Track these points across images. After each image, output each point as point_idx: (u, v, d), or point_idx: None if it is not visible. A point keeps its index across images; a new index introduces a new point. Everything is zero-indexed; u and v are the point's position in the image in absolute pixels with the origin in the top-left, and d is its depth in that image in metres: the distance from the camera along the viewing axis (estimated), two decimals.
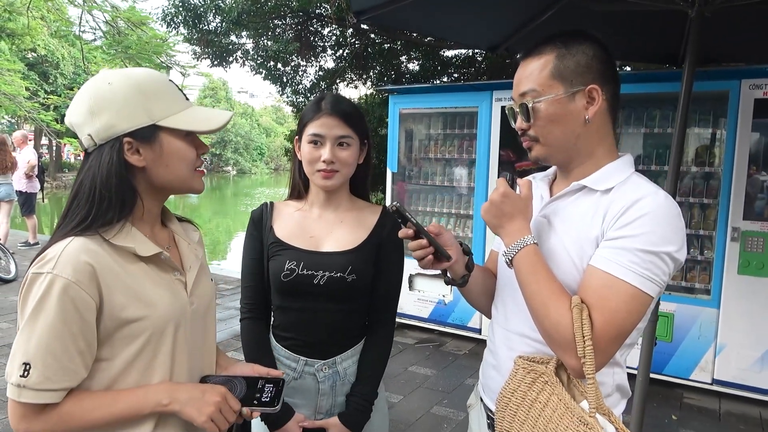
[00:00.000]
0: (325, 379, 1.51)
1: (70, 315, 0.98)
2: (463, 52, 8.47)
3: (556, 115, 1.17)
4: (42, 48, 20.59)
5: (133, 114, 1.05)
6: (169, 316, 1.10)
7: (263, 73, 8.26)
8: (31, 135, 9.13)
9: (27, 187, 7.87)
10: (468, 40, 3.97)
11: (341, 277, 1.47)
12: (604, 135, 1.21)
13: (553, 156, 1.23)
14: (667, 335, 3.91)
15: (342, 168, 1.47)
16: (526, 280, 1.13)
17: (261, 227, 1.55)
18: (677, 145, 2.56)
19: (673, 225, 1.07)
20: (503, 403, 1.19)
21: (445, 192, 5.11)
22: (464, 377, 4.09)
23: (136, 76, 1.09)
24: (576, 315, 1.05)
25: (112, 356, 1.06)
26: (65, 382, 1.00)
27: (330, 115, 1.45)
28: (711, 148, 3.98)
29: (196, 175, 1.16)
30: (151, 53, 9.33)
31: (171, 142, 1.10)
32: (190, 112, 1.13)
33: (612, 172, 1.18)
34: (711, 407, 3.71)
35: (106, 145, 1.06)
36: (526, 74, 1.20)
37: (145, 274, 1.09)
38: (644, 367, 2.68)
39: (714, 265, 3.80)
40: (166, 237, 1.22)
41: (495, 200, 1.18)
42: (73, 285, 0.98)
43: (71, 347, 1.00)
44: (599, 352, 1.04)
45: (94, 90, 1.07)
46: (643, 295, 1.05)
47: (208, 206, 21.86)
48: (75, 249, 1.01)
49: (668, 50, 3.32)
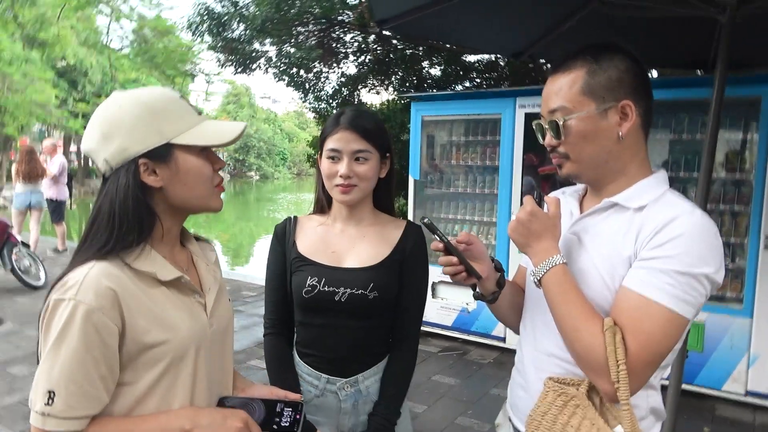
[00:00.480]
0: (347, 397, 1.48)
1: (92, 341, 0.98)
2: (485, 56, 8.43)
3: (588, 132, 1.13)
4: (71, 57, 21.08)
5: (145, 134, 1.05)
6: (191, 340, 1.09)
7: (286, 79, 8.34)
8: (60, 142, 9.33)
9: (57, 194, 8.04)
10: (491, 47, 3.95)
11: (363, 295, 1.45)
12: (637, 151, 1.17)
13: (585, 173, 1.19)
14: (697, 345, 3.81)
15: (360, 182, 1.45)
16: (555, 301, 1.10)
17: (284, 242, 1.55)
18: (708, 151, 2.50)
19: (710, 245, 1.04)
20: (533, 426, 1.17)
21: (467, 199, 5.08)
22: (489, 387, 4.04)
23: (145, 95, 1.08)
24: (609, 338, 1.02)
25: (134, 380, 1.05)
26: (88, 409, 1.00)
27: (347, 129, 1.44)
28: (742, 154, 3.88)
29: (215, 193, 1.15)
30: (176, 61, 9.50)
31: (186, 159, 1.08)
32: (203, 127, 1.11)
33: (645, 189, 1.14)
34: (745, 420, 3.60)
35: (121, 169, 1.05)
36: (555, 90, 1.17)
37: (166, 297, 1.08)
38: (676, 380, 2.62)
39: (746, 273, 3.70)
40: (185, 258, 1.21)
41: (522, 219, 1.15)
42: (96, 311, 0.98)
43: (94, 374, 0.99)
44: (634, 376, 1.01)
45: (105, 114, 1.07)
46: (679, 318, 1.02)
47: (231, 211, 22.09)
48: (96, 274, 1.00)
49: (697, 56, 3.25)
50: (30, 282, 6.41)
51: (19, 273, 6.27)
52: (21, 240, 6.46)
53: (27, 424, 3.30)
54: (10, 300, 6.02)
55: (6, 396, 3.70)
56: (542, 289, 1.14)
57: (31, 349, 4.58)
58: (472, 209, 5.04)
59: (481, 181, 4.94)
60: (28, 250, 6.62)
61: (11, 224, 6.38)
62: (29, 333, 4.99)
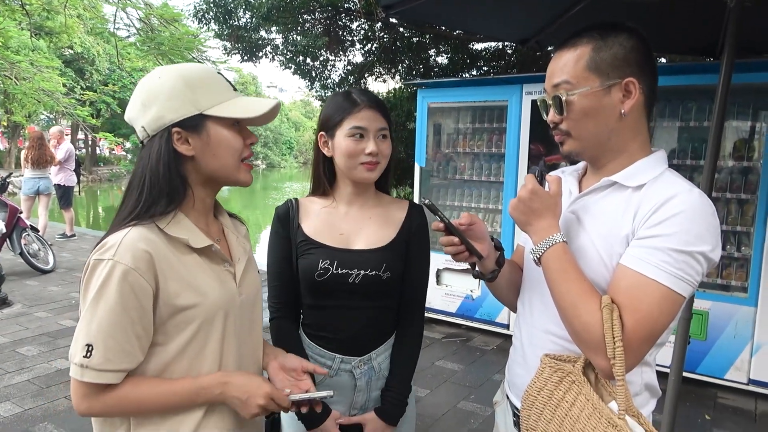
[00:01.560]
0: (361, 375, 1.51)
1: (129, 300, 1.03)
2: (492, 45, 8.37)
3: (591, 108, 1.13)
4: (78, 45, 21.10)
5: (180, 104, 1.10)
6: (219, 305, 1.14)
7: (292, 67, 8.31)
8: (68, 130, 9.40)
9: (64, 180, 8.10)
10: (498, 33, 3.93)
11: (376, 275, 1.47)
12: (639, 130, 1.17)
13: (586, 151, 1.20)
14: (701, 333, 3.82)
15: (382, 160, 1.48)
16: (554, 279, 1.11)
17: (288, 225, 1.53)
18: (714, 139, 2.49)
19: (707, 223, 1.04)
20: (529, 401, 1.18)
21: (473, 186, 5.08)
22: (492, 373, 4.07)
23: (184, 69, 1.14)
24: (606, 315, 1.03)
25: (166, 342, 1.11)
26: (124, 363, 1.05)
27: (370, 107, 1.45)
28: (749, 142, 3.85)
29: (243, 167, 1.20)
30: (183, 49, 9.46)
31: (218, 130, 1.13)
32: (236, 102, 1.16)
33: (644, 168, 1.15)
34: (746, 408, 3.61)
35: (156, 136, 1.12)
36: (560, 65, 1.17)
37: (197, 264, 1.13)
38: (677, 366, 2.62)
39: (752, 262, 3.69)
40: (217, 229, 1.27)
41: (523, 197, 1.15)
42: (132, 271, 1.03)
43: (130, 331, 1.04)
44: (630, 353, 1.02)
45: (146, 85, 1.13)
46: (676, 296, 1.03)
47: (238, 199, 22.14)
48: (134, 237, 1.06)
49: (706, 41, 3.22)
50: (39, 266, 6.48)
51: (28, 257, 6.34)
52: (30, 225, 6.52)
53: (36, 402, 3.37)
54: (20, 283, 6.09)
55: (15, 375, 3.77)
56: (541, 267, 1.15)
57: (40, 331, 4.65)
58: (477, 197, 5.04)
59: (487, 169, 4.94)
60: (37, 234, 6.69)
61: (21, 209, 6.44)
62: (38, 315, 5.06)
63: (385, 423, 1.51)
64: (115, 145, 28.93)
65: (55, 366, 3.93)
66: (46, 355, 4.14)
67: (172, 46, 9.09)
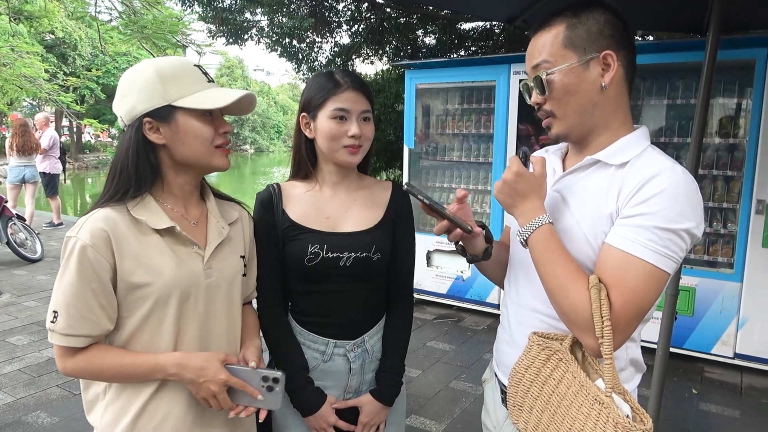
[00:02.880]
0: (356, 358, 1.50)
1: (87, 273, 1.14)
2: (480, 24, 8.31)
3: (572, 84, 1.14)
4: (59, 30, 20.68)
5: (150, 96, 1.18)
6: (175, 285, 1.20)
7: (278, 50, 8.20)
8: (53, 117, 9.26)
9: (50, 168, 8.01)
10: (485, 12, 3.89)
11: (367, 257, 1.46)
12: (620, 104, 1.18)
13: (573, 130, 1.19)
14: (688, 309, 3.88)
15: (365, 143, 1.45)
16: (542, 260, 1.12)
17: (272, 210, 1.49)
18: (700, 116, 2.50)
19: (691, 200, 1.05)
20: (516, 378, 1.19)
21: (462, 167, 5.08)
22: (482, 352, 4.11)
23: (159, 62, 1.22)
24: (594, 295, 1.03)
25: (128, 315, 1.20)
26: (87, 330, 1.16)
27: (354, 89, 1.42)
28: (736, 119, 3.88)
29: (217, 153, 1.26)
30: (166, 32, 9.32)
31: (187, 120, 1.20)
32: (206, 93, 1.22)
33: (627, 146, 1.15)
34: (732, 381, 3.69)
35: (130, 126, 1.20)
36: (537, 47, 1.18)
37: (157, 244, 1.21)
38: (664, 342, 2.66)
39: (737, 238, 3.74)
40: (198, 213, 1.33)
41: (508, 179, 1.15)
42: (90, 248, 1.13)
43: (91, 301, 1.15)
44: (618, 332, 1.03)
45: (125, 78, 1.23)
46: (661, 273, 1.04)
47: (227, 185, 22.01)
48: (96, 218, 1.16)
49: (693, 19, 3.21)
50: (27, 255, 6.42)
51: (15, 246, 6.28)
52: (16, 213, 6.45)
53: (28, 391, 3.37)
54: (8, 273, 6.04)
55: (6, 364, 3.76)
56: (528, 249, 1.15)
57: (30, 320, 4.62)
58: (467, 177, 5.05)
59: (475, 150, 4.94)
60: (23, 223, 6.62)
61: (6, 198, 6.37)
62: (27, 304, 5.03)
63: (381, 404, 1.51)
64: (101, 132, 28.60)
65: (45, 355, 3.92)
66: (36, 344, 4.13)
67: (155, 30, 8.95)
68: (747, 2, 2.72)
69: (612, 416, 1.00)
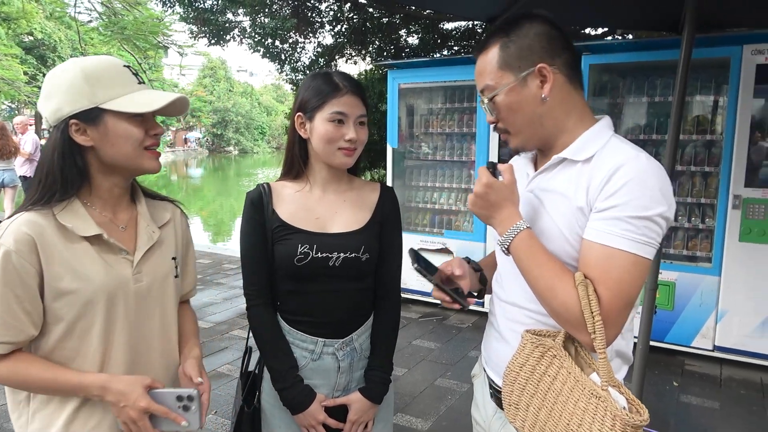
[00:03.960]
0: (344, 357, 1.52)
1: (11, 278, 1.10)
2: (462, 24, 8.36)
3: (513, 103, 1.18)
4: (38, 31, 20.39)
5: (77, 98, 1.15)
6: (103, 291, 1.18)
7: (261, 50, 8.18)
8: (32, 120, 9.14)
9: (30, 172, 7.90)
10: (466, 11, 3.92)
11: (356, 257, 1.47)
12: (571, 106, 1.20)
13: (528, 142, 1.23)
14: (668, 304, 3.94)
15: (359, 147, 1.48)
16: (526, 265, 1.13)
17: (262, 210, 1.50)
18: (676, 113, 2.54)
19: (659, 185, 1.07)
20: (511, 377, 1.20)
21: (446, 166, 5.11)
22: (468, 350, 4.14)
23: (86, 63, 1.18)
24: (582, 292, 1.05)
25: (55, 321, 1.17)
26: (8, 336, 1.13)
27: (353, 94, 1.44)
28: (713, 116, 3.95)
29: (146, 154, 1.23)
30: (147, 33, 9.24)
31: (116, 123, 1.17)
32: (136, 95, 1.20)
33: (590, 140, 1.17)
34: (712, 373, 3.75)
35: (56, 127, 1.17)
36: (479, 71, 1.22)
37: (84, 250, 1.18)
38: (644, 335, 2.71)
39: (715, 233, 3.81)
40: (127, 217, 1.30)
41: (479, 192, 1.17)
42: (13, 253, 1.10)
43: (15, 307, 1.11)
44: (610, 324, 1.05)
45: (50, 78, 1.19)
46: (643, 261, 1.06)
47: (212, 186, 21.89)
48: (20, 222, 1.13)
49: (670, 17, 3.27)
50: None
51: None
52: None
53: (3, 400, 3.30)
54: None
55: None
56: (511, 256, 1.17)
57: None
58: (450, 176, 5.08)
59: (459, 149, 4.97)
60: None
61: None
62: None
63: (370, 402, 1.52)
64: None
65: None
66: None
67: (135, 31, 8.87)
68: (721, 1, 2.77)
69: (610, 409, 1.02)
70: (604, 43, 4.85)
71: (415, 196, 5.27)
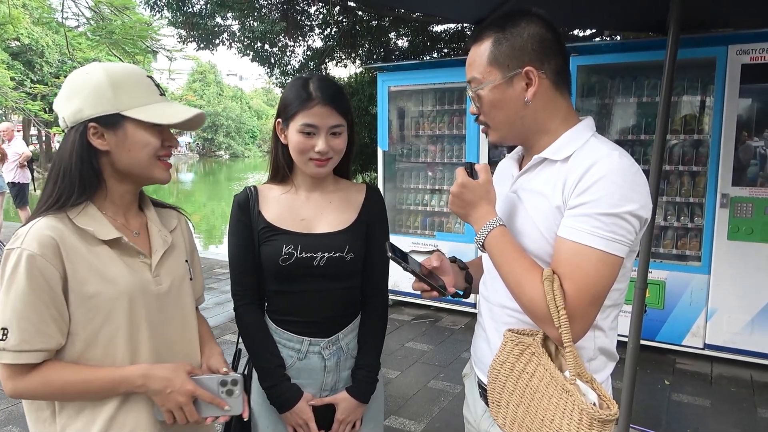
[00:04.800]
0: (330, 356, 1.53)
1: (38, 283, 1.08)
2: (452, 26, 8.39)
3: (497, 101, 1.19)
4: (25, 37, 20.22)
5: (100, 102, 1.15)
6: (129, 294, 1.17)
7: (251, 54, 8.17)
8: (20, 126, 9.08)
9: (20, 178, 7.84)
10: (454, 14, 3.93)
11: (340, 257, 1.49)
12: (553, 110, 1.20)
13: (506, 138, 1.25)
14: (658, 303, 3.96)
15: (334, 155, 1.48)
16: (498, 261, 1.15)
17: (248, 212, 1.53)
18: (663, 113, 2.56)
19: (631, 183, 1.07)
20: (494, 374, 1.22)
21: (436, 168, 5.12)
22: (460, 351, 4.14)
23: (111, 68, 1.18)
24: (547, 287, 1.07)
25: (80, 328, 1.14)
26: (41, 344, 1.09)
27: (323, 104, 1.42)
28: (700, 116, 3.98)
29: (159, 164, 1.23)
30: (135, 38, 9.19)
31: (135, 131, 1.18)
32: (158, 106, 1.20)
33: (570, 140, 1.18)
34: (703, 371, 3.78)
35: (73, 129, 1.16)
36: (470, 61, 1.22)
37: (106, 254, 1.17)
38: (635, 334, 2.72)
39: (704, 232, 3.84)
40: (139, 223, 1.30)
41: (455, 192, 1.20)
42: (39, 257, 1.08)
43: (44, 313, 1.09)
44: (577, 318, 1.06)
45: (73, 78, 1.19)
46: (611, 257, 1.07)
47: (203, 191, 21.80)
48: (41, 226, 1.11)
49: (657, 18, 3.29)
50: None
51: None
52: None
53: (3, 405, 3.26)
54: None
55: None
56: (486, 252, 1.19)
57: None
58: (441, 179, 5.09)
59: (449, 151, 4.98)
60: None
61: None
62: None
63: (357, 401, 1.53)
64: None
65: None
66: None
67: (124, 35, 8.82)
68: (706, 2, 2.80)
69: (577, 403, 1.03)
70: (591, 44, 4.88)
71: (407, 198, 5.28)
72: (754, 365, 3.77)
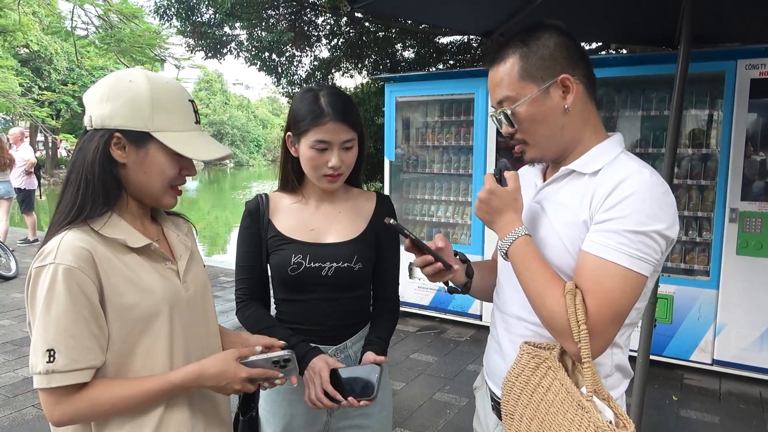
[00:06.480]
0: None
1: (79, 298, 1.03)
2: (458, 38, 8.43)
3: (537, 114, 1.17)
4: (34, 44, 20.42)
5: (134, 116, 1.10)
6: (164, 302, 1.14)
7: (258, 64, 8.21)
8: (27, 132, 9.14)
9: (26, 184, 7.87)
10: (462, 26, 3.95)
11: (348, 267, 1.49)
12: (588, 116, 1.21)
13: (546, 153, 1.23)
14: (666, 317, 3.93)
15: (345, 170, 1.49)
16: (521, 270, 1.14)
17: (258, 220, 1.54)
18: (673, 127, 2.56)
19: (660, 202, 1.07)
20: (508, 387, 1.21)
21: (443, 179, 5.11)
22: (466, 363, 4.11)
23: (157, 83, 1.13)
24: (569, 301, 1.05)
25: (117, 342, 1.09)
26: (90, 361, 1.04)
27: (336, 121, 1.42)
28: (708, 130, 3.97)
29: (170, 192, 1.20)
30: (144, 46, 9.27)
31: (157, 154, 1.13)
32: (191, 136, 1.16)
33: (599, 154, 1.18)
34: (711, 387, 3.74)
35: (98, 132, 1.11)
36: (496, 82, 1.21)
37: (137, 263, 1.14)
38: (644, 349, 2.70)
39: (713, 246, 3.81)
40: (155, 230, 1.27)
41: (483, 198, 1.19)
42: (76, 270, 1.03)
43: (86, 329, 1.04)
44: (597, 335, 1.05)
45: (115, 80, 1.13)
46: (636, 276, 1.05)
47: (207, 199, 21.85)
48: (71, 238, 1.06)
49: (664, 32, 3.30)
50: (1, 273, 6.27)
51: None
52: None
53: (3, 412, 3.27)
54: None
55: None
56: (509, 261, 1.18)
57: (4, 339, 4.51)
58: (447, 190, 5.08)
59: (456, 162, 4.97)
60: None
61: None
62: (2, 323, 4.91)
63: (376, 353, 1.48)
64: None
65: (21, 374, 3.82)
66: (11, 363, 4.02)
67: (132, 43, 8.90)
68: (716, 16, 2.80)
69: (593, 420, 1.01)
70: (598, 58, 4.88)
71: (413, 209, 5.27)
72: (763, 382, 3.73)
